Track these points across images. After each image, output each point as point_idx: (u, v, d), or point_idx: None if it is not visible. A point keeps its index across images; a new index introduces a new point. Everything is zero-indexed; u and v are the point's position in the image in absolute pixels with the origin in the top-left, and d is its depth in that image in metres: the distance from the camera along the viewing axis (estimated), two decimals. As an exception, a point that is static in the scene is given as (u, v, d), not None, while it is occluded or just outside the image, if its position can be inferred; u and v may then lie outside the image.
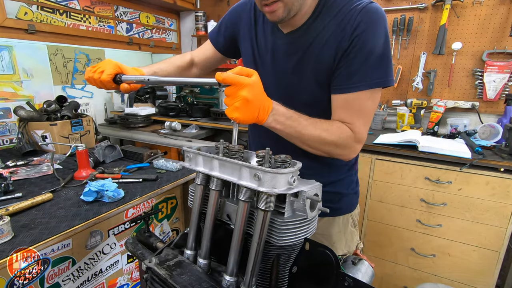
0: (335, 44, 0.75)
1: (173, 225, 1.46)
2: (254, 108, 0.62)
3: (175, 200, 1.44)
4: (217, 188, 0.58)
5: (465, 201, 1.61)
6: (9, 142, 1.87)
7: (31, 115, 1.65)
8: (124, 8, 2.53)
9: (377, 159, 1.80)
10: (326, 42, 0.76)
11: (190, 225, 0.63)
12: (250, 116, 0.63)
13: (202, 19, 2.84)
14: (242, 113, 0.61)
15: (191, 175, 1.40)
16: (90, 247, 1.06)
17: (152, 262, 0.58)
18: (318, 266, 0.54)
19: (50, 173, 1.35)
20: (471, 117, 2.06)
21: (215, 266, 0.62)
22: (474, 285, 1.67)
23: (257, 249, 0.50)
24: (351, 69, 0.74)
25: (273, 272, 0.57)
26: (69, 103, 1.81)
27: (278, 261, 0.56)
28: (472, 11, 1.95)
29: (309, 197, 0.51)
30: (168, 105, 2.65)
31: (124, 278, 1.23)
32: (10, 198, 1.08)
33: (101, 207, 1.04)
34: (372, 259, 0.68)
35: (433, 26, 2.07)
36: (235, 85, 0.59)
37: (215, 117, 2.46)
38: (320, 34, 0.77)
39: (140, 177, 1.30)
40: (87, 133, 1.78)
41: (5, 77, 1.91)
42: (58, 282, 0.97)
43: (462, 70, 2.05)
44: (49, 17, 1.97)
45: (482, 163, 1.53)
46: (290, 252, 0.57)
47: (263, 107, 0.65)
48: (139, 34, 2.71)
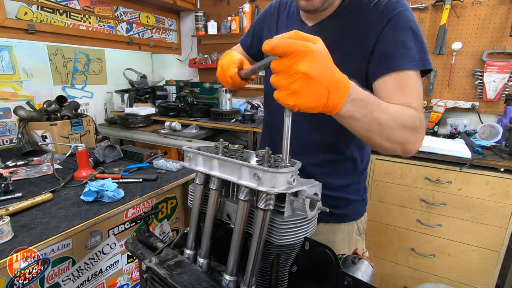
0: (367, 31, 0.72)
1: (173, 225, 1.46)
2: (321, 88, 0.44)
3: (175, 200, 1.44)
4: (217, 188, 0.58)
5: (465, 201, 1.61)
6: (9, 142, 1.87)
7: (31, 115, 1.65)
8: (124, 8, 2.53)
9: (377, 159, 1.80)
10: (356, 31, 0.74)
11: (190, 225, 0.63)
12: (316, 100, 0.44)
13: (202, 19, 2.84)
14: (302, 97, 0.43)
15: (191, 175, 1.40)
16: (90, 247, 1.06)
17: (152, 262, 0.58)
18: (318, 265, 0.54)
19: (50, 173, 1.35)
20: (471, 117, 2.06)
21: (215, 265, 0.62)
22: (474, 285, 1.67)
23: (257, 249, 0.50)
24: (394, 47, 0.67)
25: (273, 271, 0.57)
26: (69, 103, 1.81)
27: (278, 261, 0.56)
28: (472, 11, 1.95)
29: (308, 196, 0.51)
30: (168, 105, 2.65)
31: (124, 278, 1.23)
32: (10, 198, 1.08)
33: (101, 207, 1.04)
34: (372, 259, 0.68)
35: (433, 26, 2.07)
36: (290, 55, 0.41)
37: (215, 117, 2.46)
38: (348, 24, 0.75)
39: (140, 177, 1.30)
40: (87, 133, 1.78)
41: (5, 77, 1.91)
42: (58, 282, 0.97)
43: (462, 70, 2.05)
44: (49, 17, 1.97)
45: (482, 163, 1.53)
46: (290, 252, 0.57)
47: (336, 87, 0.46)
48: (139, 34, 2.71)
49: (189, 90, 2.81)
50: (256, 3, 2.63)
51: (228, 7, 2.80)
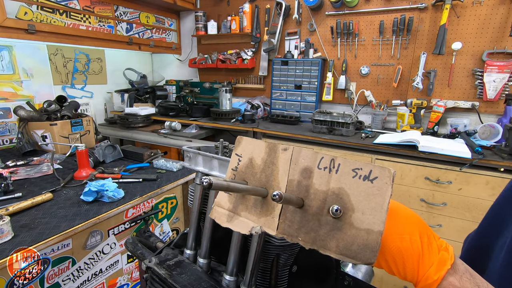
0: None
1: (173, 225, 1.46)
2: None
3: (175, 200, 1.44)
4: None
5: (465, 201, 1.61)
6: (9, 142, 1.87)
7: (31, 115, 1.65)
8: (124, 8, 2.53)
9: (377, 159, 1.80)
10: None
11: (190, 225, 0.63)
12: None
13: (202, 19, 2.84)
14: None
15: (191, 175, 1.40)
16: (90, 247, 1.06)
17: (152, 262, 0.58)
18: (318, 265, 0.54)
19: (50, 173, 1.35)
20: (471, 117, 2.06)
21: (215, 265, 0.62)
22: (474, 285, 1.67)
23: (257, 249, 0.50)
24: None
25: (273, 271, 0.57)
26: (69, 103, 1.81)
27: (278, 261, 0.56)
28: (472, 11, 1.95)
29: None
30: (168, 105, 2.65)
31: (124, 278, 1.23)
32: (10, 198, 1.08)
33: (101, 207, 1.04)
34: (372, 259, 0.68)
35: (433, 26, 2.07)
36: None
37: (215, 117, 2.46)
38: None
39: (140, 177, 1.31)
40: (87, 133, 1.78)
41: (5, 77, 1.91)
42: (58, 282, 0.97)
43: (462, 70, 2.05)
44: (49, 17, 1.97)
45: (482, 163, 1.53)
46: (290, 252, 0.57)
47: (430, 246, 0.36)
48: (139, 34, 2.71)
49: (189, 90, 2.81)
50: (256, 3, 2.63)
51: (228, 7, 2.80)
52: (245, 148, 0.45)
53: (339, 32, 2.32)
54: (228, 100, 2.46)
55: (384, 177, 0.33)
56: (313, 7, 2.35)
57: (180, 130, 2.33)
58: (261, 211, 0.41)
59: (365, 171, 0.35)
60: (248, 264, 0.51)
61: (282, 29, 2.58)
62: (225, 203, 0.46)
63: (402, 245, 0.36)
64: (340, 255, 0.34)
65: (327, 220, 0.36)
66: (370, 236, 0.32)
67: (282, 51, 2.63)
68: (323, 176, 0.37)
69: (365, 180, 0.34)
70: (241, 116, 2.44)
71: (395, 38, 2.18)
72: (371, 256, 0.32)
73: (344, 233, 0.34)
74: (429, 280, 0.34)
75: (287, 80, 2.47)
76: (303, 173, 0.39)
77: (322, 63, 2.39)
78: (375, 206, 0.33)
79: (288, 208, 0.38)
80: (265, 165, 0.43)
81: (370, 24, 2.26)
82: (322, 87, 2.44)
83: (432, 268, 0.35)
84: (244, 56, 2.73)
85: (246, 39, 2.74)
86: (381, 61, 2.29)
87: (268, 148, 0.43)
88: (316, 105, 2.41)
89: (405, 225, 0.37)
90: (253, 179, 0.43)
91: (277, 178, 0.41)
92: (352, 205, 0.35)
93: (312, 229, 0.36)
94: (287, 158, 0.41)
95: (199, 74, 3.14)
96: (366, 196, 0.34)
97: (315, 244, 0.35)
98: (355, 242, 0.33)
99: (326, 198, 0.36)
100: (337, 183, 0.36)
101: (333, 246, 0.34)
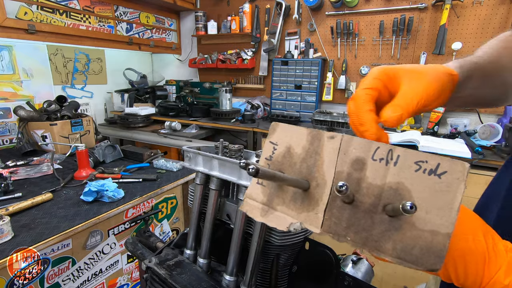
0: None
1: (173, 225, 1.46)
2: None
3: (175, 200, 1.44)
4: (216, 188, 0.58)
5: (465, 201, 1.60)
6: (9, 142, 1.87)
7: (31, 115, 1.65)
8: (124, 8, 2.53)
9: (377, 159, 1.80)
10: None
11: (190, 225, 0.63)
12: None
13: (202, 19, 2.84)
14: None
15: (191, 175, 1.40)
16: (90, 247, 1.06)
17: (152, 262, 0.58)
18: (318, 265, 0.54)
19: (50, 173, 1.35)
20: (471, 117, 2.06)
21: (215, 265, 0.62)
22: (474, 285, 1.67)
23: (257, 249, 0.50)
24: None
25: (273, 271, 0.57)
26: (69, 103, 1.81)
27: (278, 261, 0.56)
28: (472, 11, 1.95)
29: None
30: (168, 105, 2.65)
31: (124, 278, 1.23)
32: (10, 198, 1.08)
33: (101, 207, 1.04)
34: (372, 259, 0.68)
35: (433, 26, 2.07)
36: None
37: (215, 117, 2.46)
38: None
39: (140, 177, 1.31)
40: (87, 133, 1.78)
41: (5, 77, 1.91)
42: (58, 282, 0.97)
43: (462, 70, 2.05)
44: (49, 17, 1.97)
45: (482, 163, 1.53)
46: (290, 252, 0.57)
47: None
48: (139, 34, 2.71)
49: (189, 90, 2.81)
50: (256, 3, 2.63)
51: (228, 7, 2.80)
52: (281, 136, 0.40)
53: (339, 32, 2.32)
54: (228, 100, 2.46)
55: (456, 171, 0.29)
56: (313, 7, 2.35)
57: (180, 130, 2.33)
58: (302, 205, 0.36)
59: (431, 164, 0.30)
60: (248, 264, 0.51)
61: (282, 29, 2.58)
62: (257, 195, 0.40)
63: (465, 246, 0.32)
64: (398, 258, 0.29)
65: (382, 219, 0.31)
66: (436, 238, 0.28)
67: (282, 51, 2.63)
68: (378, 169, 0.33)
69: (430, 174, 0.30)
70: (241, 116, 2.44)
71: (395, 38, 2.18)
72: (436, 261, 0.28)
73: (403, 234, 0.30)
74: (498, 285, 0.31)
75: (287, 80, 2.47)
76: (354, 164, 0.34)
77: (322, 63, 2.39)
78: (443, 205, 0.29)
79: (335, 203, 0.34)
80: (307, 154, 0.37)
81: (370, 24, 2.26)
82: (322, 87, 2.44)
83: (501, 272, 0.31)
84: (244, 56, 2.73)
85: (246, 39, 2.74)
86: (381, 61, 2.29)
87: (311, 136, 0.37)
88: (316, 105, 2.41)
89: (467, 224, 0.34)
90: (292, 170, 0.38)
91: (321, 169, 0.35)
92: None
93: (364, 228, 0.32)
94: (334, 147, 0.35)
95: (199, 74, 3.14)
96: (431, 193, 0.29)
97: (367, 245, 0.31)
98: (417, 244, 0.29)
99: (381, 193, 0.32)
100: (396, 177, 0.31)
101: (388, 248, 0.30)
